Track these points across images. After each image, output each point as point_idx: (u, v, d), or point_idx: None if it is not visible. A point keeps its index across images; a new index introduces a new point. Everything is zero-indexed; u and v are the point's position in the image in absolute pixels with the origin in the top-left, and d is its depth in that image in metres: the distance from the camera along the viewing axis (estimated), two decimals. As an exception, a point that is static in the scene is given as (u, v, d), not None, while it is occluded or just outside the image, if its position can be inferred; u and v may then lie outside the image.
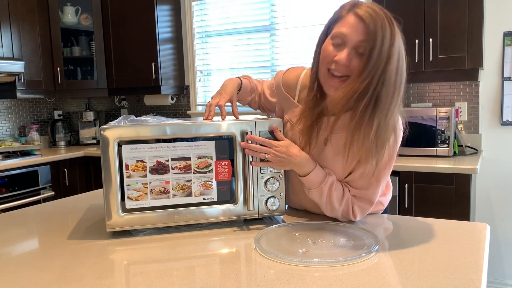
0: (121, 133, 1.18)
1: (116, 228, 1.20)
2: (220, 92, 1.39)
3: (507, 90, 2.82)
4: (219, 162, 1.24)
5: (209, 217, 1.25)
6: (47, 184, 3.29)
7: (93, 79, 3.94)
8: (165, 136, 1.21)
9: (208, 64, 3.90)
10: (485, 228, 1.19)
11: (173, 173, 1.22)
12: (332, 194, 1.23)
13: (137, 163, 1.20)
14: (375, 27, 1.07)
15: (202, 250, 1.10)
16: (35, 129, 3.69)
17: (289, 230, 1.20)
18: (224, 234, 1.21)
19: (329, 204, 1.25)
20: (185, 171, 1.23)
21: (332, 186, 1.24)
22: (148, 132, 1.20)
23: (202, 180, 1.24)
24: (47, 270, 1.00)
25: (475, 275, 0.90)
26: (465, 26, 2.59)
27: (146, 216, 1.22)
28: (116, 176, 1.19)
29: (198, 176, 1.24)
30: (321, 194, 1.24)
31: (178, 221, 1.24)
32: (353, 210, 1.25)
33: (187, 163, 1.23)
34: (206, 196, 1.25)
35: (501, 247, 2.90)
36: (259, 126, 1.26)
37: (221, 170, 1.25)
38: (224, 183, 1.25)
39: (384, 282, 0.88)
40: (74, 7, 3.80)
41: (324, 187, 1.23)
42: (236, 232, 1.23)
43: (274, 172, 1.27)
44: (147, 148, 1.20)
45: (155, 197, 1.22)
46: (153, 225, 1.23)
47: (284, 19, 3.51)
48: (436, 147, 2.67)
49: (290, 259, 0.99)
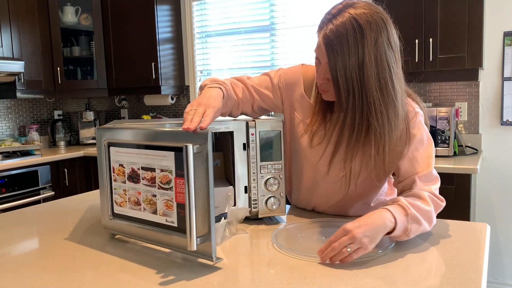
0: (108, 134, 1.14)
1: (108, 230, 1.20)
2: (207, 104, 1.11)
3: (507, 90, 2.82)
4: (178, 180, 1.00)
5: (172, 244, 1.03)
6: (47, 184, 3.28)
7: (93, 79, 3.94)
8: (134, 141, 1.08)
9: (208, 64, 3.90)
10: (485, 228, 1.19)
11: (143, 184, 1.07)
12: (418, 206, 1.09)
13: (119, 167, 1.12)
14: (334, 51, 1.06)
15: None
16: (35, 129, 3.69)
17: (303, 228, 1.21)
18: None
19: (426, 216, 1.10)
20: (152, 183, 1.05)
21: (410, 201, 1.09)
22: (122, 135, 1.11)
23: (165, 197, 1.02)
24: (47, 270, 1.00)
25: (475, 275, 0.90)
26: (465, 26, 2.59)
27: (126, 225, 1.13)
28: (106, 178, 1.15)
29: (161, 192, 1.03)
30: (417, 220, 1.07)
31: (148, 239, 1.08)
32: (438, 197, 1.16)
33: (153, 175, 1.04)
34: (168, 218, 1.02)
35: (501, 247, 2.90)
36: (259, 126, 1.26)
37: (180, 190, 1.00)
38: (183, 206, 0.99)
39: (384, 282, 0.88)
40: (74, 7, 3.80)
41: (412, 211, 1.06)
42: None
43: (274, 172, 1.27)
44: (124, 153, 1.10)
45: (131, 207, 1.11)
46: (131, 236, 1.13)
47: (284, 19, 3.51)
48: (436, 147, 2.67)
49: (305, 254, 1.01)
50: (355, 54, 1.05)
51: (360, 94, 1.07)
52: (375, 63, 1.06)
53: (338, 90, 1.09)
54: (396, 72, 1.10)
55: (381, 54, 1.07)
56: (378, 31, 1.06)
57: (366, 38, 1.05)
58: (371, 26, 1.06)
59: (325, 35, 1.08)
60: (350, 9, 1.08)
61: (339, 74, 1.07)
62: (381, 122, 1.09)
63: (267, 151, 1.28)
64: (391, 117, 1.10)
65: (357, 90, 1.07)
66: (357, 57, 1.05)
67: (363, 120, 1.10)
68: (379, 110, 1.08)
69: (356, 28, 1.05)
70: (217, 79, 1.28)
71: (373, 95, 1.07)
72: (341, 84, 1.08)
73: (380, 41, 1.06)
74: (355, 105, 1.08)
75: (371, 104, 1.07)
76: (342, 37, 1.05)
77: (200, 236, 0.96)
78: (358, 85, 1.07)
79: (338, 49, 1.06)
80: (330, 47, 1.07)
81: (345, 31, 1.05)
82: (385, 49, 1.07)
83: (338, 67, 1.07)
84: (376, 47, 1.06)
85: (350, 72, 1.06)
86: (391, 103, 1.09)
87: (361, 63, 1.06)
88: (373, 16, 1.07)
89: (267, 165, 1.28)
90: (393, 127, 1.11)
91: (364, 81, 1.06)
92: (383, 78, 1.07)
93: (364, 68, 1.06)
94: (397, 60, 1.11)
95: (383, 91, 1.08)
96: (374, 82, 1.07)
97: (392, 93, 1.09)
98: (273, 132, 1.27)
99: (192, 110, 1.07)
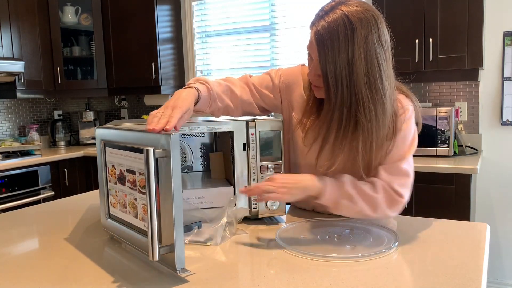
0: (104, 135, 1.13)
1: (105, 229, 1.19)
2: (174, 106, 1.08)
3: (507, 90, 2.82)
4: None
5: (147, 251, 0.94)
6: (47, 184, 3.28)
7: (93, 79, 3.94)
8: (119, 142, 1.06)
9: (208, 64, 3.90)
10: (485, 228, 1.19)
11: (127, 187, 1.04)
12: (361, 188, 1.15)
13: (112, 168, 1.10)
14: (324, 47, 1.08)
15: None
16: (35, 129, 3.69)
17: (307, 227, 1.21)
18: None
19: (367, 200, 1.15)
20: (133, 186, 1.01)
21: (355, 181, 1.16)
22: (113, 136, 1.09)
23: (142, 202, 0.99)
24: (47, 270, 1.00)
25: (475, 275, 0.90)
26: (465, 26, 2.59)
27: (118, 226, 1.11)
28: (103, 178, 1.15)
29: (140, 196, 1.00)
30: (350, 198, 1.14)
31: (132, 243, 1.04)
32: (395, 190, 1.16)
33: (134, 178, 1.01)
34: (145, 224, 0.98)
35: (501, 247, 2.90)
36: (259, 126, 1.26)
37: None
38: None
39: (384, 282, 0.88)
40: (74, 7, 3.80)
41: (348, 188, 1.14)
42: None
43: (274, 172, 1.27)
44: (115, 154, 1.08)
45: (120, 209, 1.08)
46: (121, 238, 1.10)
47: (284, 19, 3.51)
48: (436, 147, 2.67)
49: (310, 253, 1.01)
50: (345, 50, 1.06)
51: (349, 90, 1.09)
52: (365, 59, 1.07)
53: (327, 86, 1.10)
54: (386, 69, 1.11)
55: (371, 51, 1.08)
56: (369, 28, 1.07)
57: (356, 35, 1.06)
58: (362, 23, 1.07)
59: (316, 31, 1.10)
60: (342, 6, 1.09)
61: (328, 70, 1.08)
62: (369, 118, 1.10)
63: (267, 151, 1.28)
64: (379, 114, 1.11)
65: (346, 86, 1.08)
66: (347, 53, 1.07)
67: (351, 116, 1.11)
68: (367, 107, 1.09)
69: (347, 25, 1.06)
70: (201, 78, 1.25)
71: (361, 91, 1.08)
72: (331, 80, 1.09)
73: (371, 38, 1.07)
74: (343, 101, 1.10)
75: (360, 100, 1.09)
76: (333, 34, 1.07)
77: (165, 246, 0.91)
78: (347, 81, 1.08)
79: (328, 45, 1.07)
80: (321, 43, 1.08)
81: (336, 28, 1.07)
82: (375, 46, 1.08)
83: (328, 62, 1.08)
84: (366, 44, 1.07)
85: (340, 68, 1.07)
86: (380, 100, 1.10)
87: (351, 59, 1.07)
88: (365, 14, 1.08)
89: (267, 165, 1.28)
90: (381, 124, 1.12)
91: (353, 77, 1.07)
92: (372, 75, 1.09)
93: (353, 64, 1.07)
94: (387, 57, 1.12)
95: (372, 87, 1.09)
96: (363, 79, 1.08)
97: (381, 90, 1.10)
98: (273, 132, 1.27)
99: (159, 112, 1.04)
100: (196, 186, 1.34)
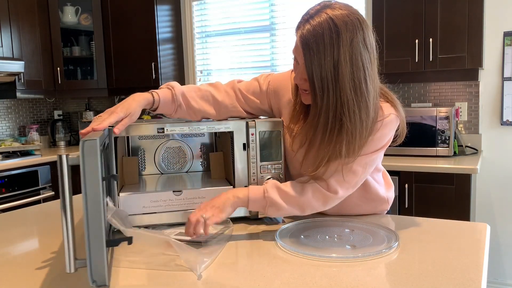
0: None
1: None
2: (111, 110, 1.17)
3: (507, 90, 2.82)
4: None
5: None
6: (47, 184, 3.28)
7: (93, 79, 3.94)
8: None
9: (208, 64, 3.90)
10: (485, 228, 1.19)
11: None
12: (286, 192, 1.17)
13: None
14: (310, 50, 1.08)
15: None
16: (35, 129, 3.69)
17: (307, 227, 1.21)
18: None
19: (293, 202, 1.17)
20: None
21: (279, 187, 1.18)
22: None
23: None
24: (47, 270, 1.00)
25: (475, 275, 0.90)
26: (465, 26, 2.59)
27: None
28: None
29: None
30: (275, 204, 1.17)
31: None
32: (329, 186, 1.18)
33: None
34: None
35: (501, 247, 2.90)
36: (259, 126, 1.26)
37: None
38: None
39: (384, 282, 0.88)
40: (74, 7, 3.80)
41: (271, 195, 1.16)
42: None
43: (274, 172, 1.27)
44: None
45: None
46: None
47: (284, 19, 3.51)
48: (436, 147, 2.67)
49: (309, 253, 1.01)
50: (330, 53, 1.07)
51: (334, 94, 1.09)
52: (350, 62, 1.08)
53: (313, 90, 1.11)
54: (371, 72, 1.12)
55: (356, 54, 1.08)
56: (354, 31, 1.08)
57: (341, 38, 1.07)
58: (347, 26, 1.07)
59: (302, 35, 1.10)
60: (327, 9, 1.10)
61: (314, 73, 1.09)
62: (353, 121, 1.10)
63: (267, 151, 1.28)
64: (363, 117, 1.11)
65: (332, 90, 1.09)
66: (333, 56, 1.07)
67: (336, 120, 1.11)
68: (352, 110, 1.09)
69: (332, 28, 1.07)
70: (171, 83, 1.29)
71: (347, 94, 1.09)
72: (316, 83, 1.09)
73: (356, 41, 1.08)
74: (329, 104, 1.10)
75: (345, 104, 1.09)
76: (318, 37, 1.07)
77: (80, 259, 0.86)
78: (333, 84, 1.08)
79: (314, 49, 1.08)
80: (306, 47, 1.09)
81: (321, 31, 1.07)
82: (360, 49, 1.09)
83: (314, 66, 1.08)
84: (352, 47, 1.07)
85: (326, 71, 1.08)
86: (364, 103, 1.11)
87: (336, 62, 1.07)
88: (350, 17, 1.08)
89: (267, 165, 1.28)
90: (364, 127, 1.12)
91: (339, 80, 1.08)
92: (357, 78, 1.09)
93: (339, 67, 1.07)
94: (372, 61, 1.13)
95: (357, 91, 1.09)
96: (349, 82, 1.08)
97: (366, 94, 1.10)
98: (273, 132, 1.27)
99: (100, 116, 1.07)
100: (196, 186, 1.34)
